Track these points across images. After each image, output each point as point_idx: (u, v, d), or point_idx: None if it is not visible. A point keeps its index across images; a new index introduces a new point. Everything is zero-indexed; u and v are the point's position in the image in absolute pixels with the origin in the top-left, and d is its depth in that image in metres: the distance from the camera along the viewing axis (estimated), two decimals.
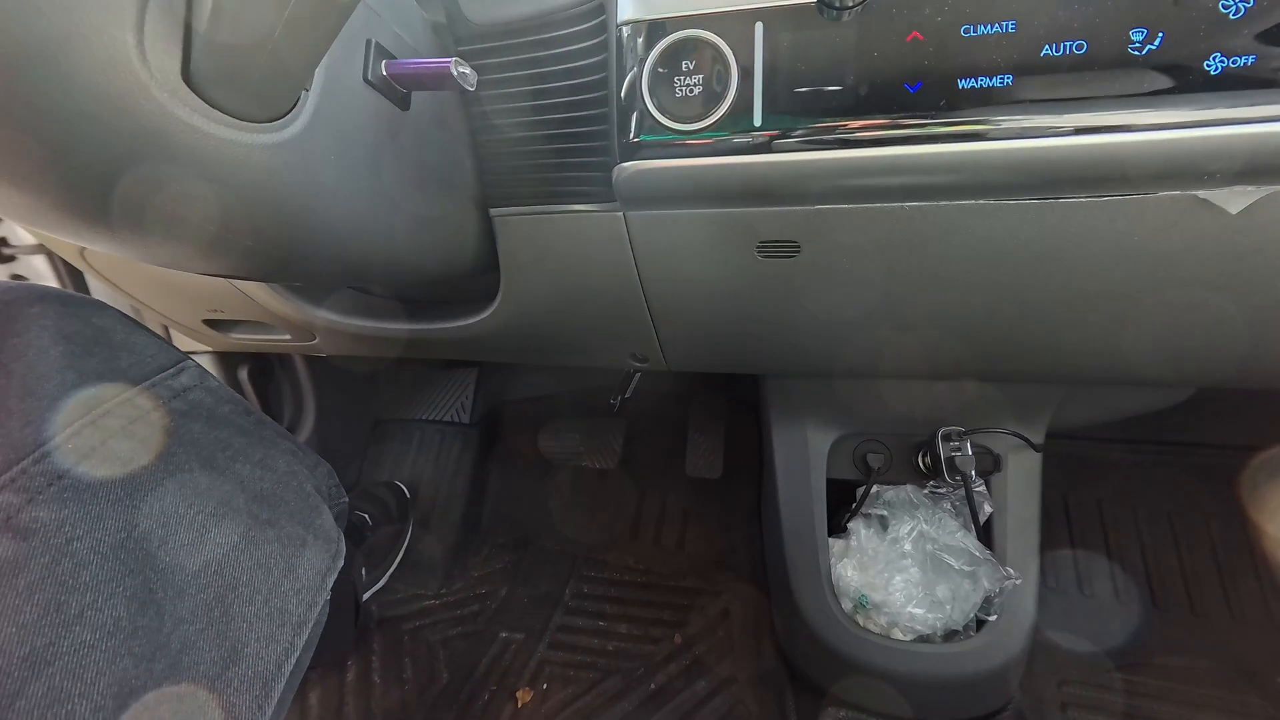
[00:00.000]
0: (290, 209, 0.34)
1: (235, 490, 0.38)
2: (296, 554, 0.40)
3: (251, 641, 0.35)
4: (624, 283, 0.49)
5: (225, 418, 0.41)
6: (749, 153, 0.37)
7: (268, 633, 0.36)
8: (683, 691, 0.81)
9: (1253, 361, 0.45)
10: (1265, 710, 0.71)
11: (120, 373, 0.35)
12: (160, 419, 0.36)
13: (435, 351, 0.69)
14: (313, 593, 0.40)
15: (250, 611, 0.36)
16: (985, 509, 0.67)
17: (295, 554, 0.40)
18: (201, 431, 0.38)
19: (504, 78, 0.41)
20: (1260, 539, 0.81)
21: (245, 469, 0.40)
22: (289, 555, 0.39)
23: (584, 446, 1.05)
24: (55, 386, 0.31)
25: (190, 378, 0.40)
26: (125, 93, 0.25)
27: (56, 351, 0.33)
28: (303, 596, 0.39)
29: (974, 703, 0.68)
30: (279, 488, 0.42)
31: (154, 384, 0.37)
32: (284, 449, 0.45)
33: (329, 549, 0.43)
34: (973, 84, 0.32)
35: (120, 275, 0.69)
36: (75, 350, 0.33)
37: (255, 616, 0.36)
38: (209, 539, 0.35)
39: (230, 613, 0.35)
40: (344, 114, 0.34)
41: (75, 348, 0.34)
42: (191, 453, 0.37)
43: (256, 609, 0.36)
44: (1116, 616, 0.80)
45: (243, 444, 0.41)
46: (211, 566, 0.35)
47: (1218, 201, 0.34)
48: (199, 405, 0.39)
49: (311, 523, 0.43)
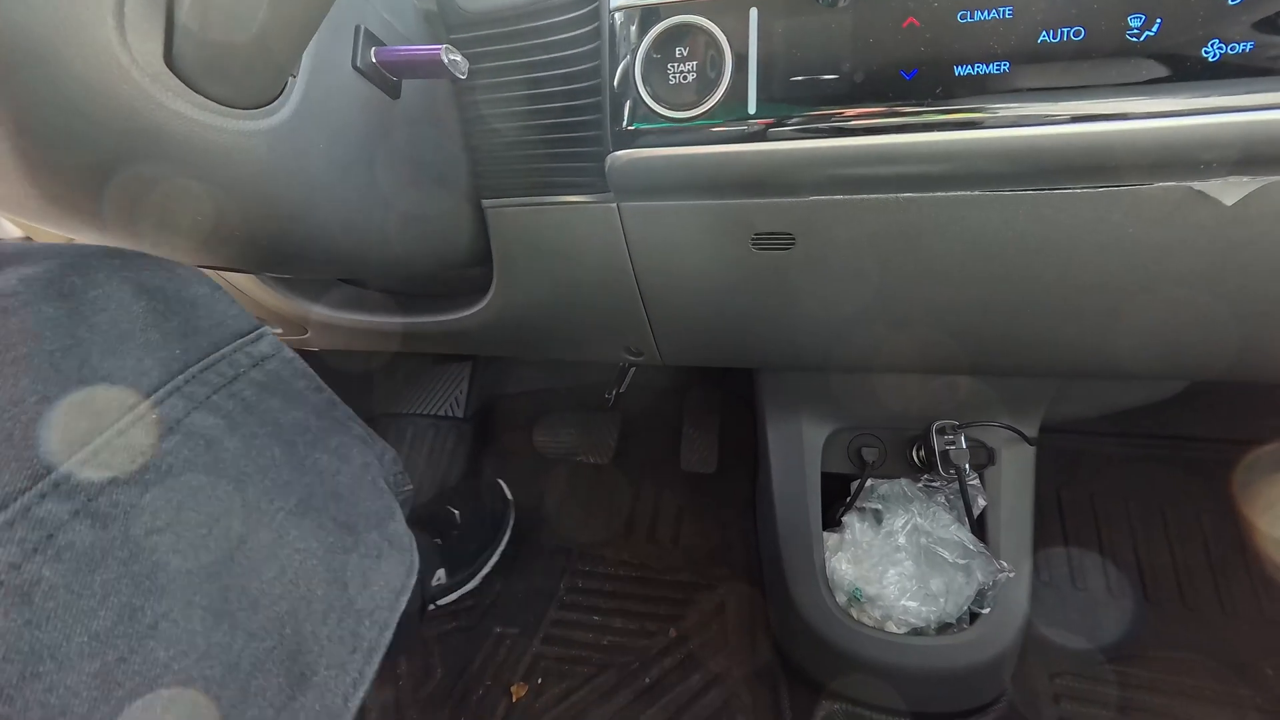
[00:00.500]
0: (278, 197, 0.33)
1: (316, 484, 0.33)
2: (373, 567, 0.35)
3: (321, 668, 0.30)
4: (618, 275, 0.49)
5: (300, 394, 0.36)
6: (743, 141, 0.36)
7: (339, 659, 0.31)
8: (677, 686, 0.81)
9: (1246, 355, 0.45)
10: (1254, 701, 0.72)
11: (203, 333, 0.31)
12: (243, 390, 0.32)
13: (429, 345, 0.69)
14: (386, 614, 0.35)
15: (323, 632, 0.31)
16: (979, 502, 0.67)
17: (372, 567, 0.35)
18: (280, 410, 0.34)
19: (495, 66, 0.40)
20: (1252, 534, 0.81)
21: (324, 459, 0.35)
22: (365, 568, 0.34)
23: (579, 441, 1.05)
24: (139, 346, 0.27)
25: (268, 345, 0.35)
26: (105, 78, 0.25)
27: (139, 307, 0.28)
28: (375, 618, 0.34)
29: (967, 695, 0.68)
30: (355, 483, 0.37)
31: (235, 349, 0.32)
32: (356, 434, 0.40)
33: (404, 562, 0.38)
34: (969, 71, 0.32)
35: None
36: (158, 307, 0.29)
37: (328, 639, 0.31)
38: (287, 542, 0.30)
39: (301, 632, 0.30)
40: (333, 101, 0.33)
41: (158, 304, 0.29)
42: (273, 436, 0.32)
43: (330, 629, 0.31)
44: (1108, 610, 0.80)
45: (319, 428, 0.36)
46: (288, 575, 0.30)
47: (1212, 193, 0.33)
48: (276, 377, 0.35)
49: (387, 528, 0.38)
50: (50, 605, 0.21)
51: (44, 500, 0.22)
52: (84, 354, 0.25)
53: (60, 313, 0.25)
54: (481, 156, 0.45)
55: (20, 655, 0.20)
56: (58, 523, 0.22)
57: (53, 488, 0.22)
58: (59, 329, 0.25)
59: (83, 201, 0.31)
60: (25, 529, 0.21)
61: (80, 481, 0.23)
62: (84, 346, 0.25)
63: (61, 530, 0.22)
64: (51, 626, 0.21)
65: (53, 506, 0.22)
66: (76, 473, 0.23)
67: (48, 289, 0.26)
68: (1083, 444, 0.90)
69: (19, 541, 0.21)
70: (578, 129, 0.40)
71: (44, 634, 0.21)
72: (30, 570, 0.21)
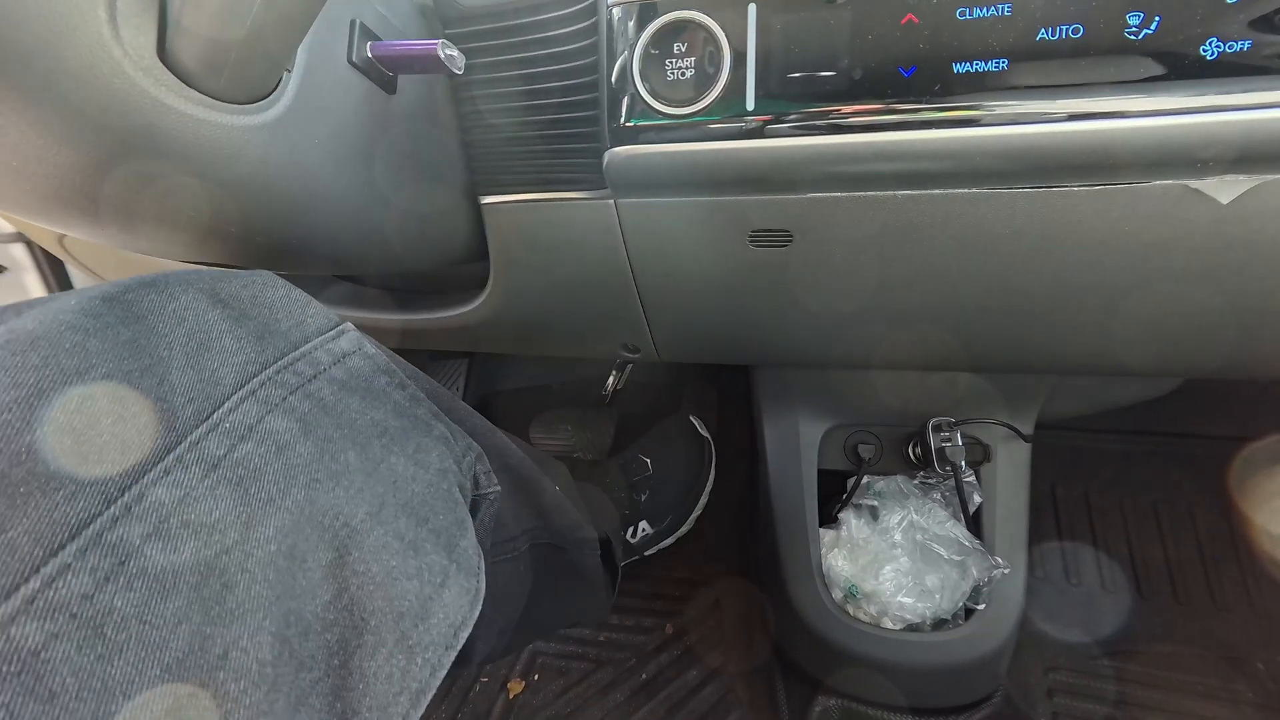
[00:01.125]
0: (274, 193, 0.33)
1: (388, 494, 0.31)
2: (435, 595, 0.32)
3: (364, 709, 0.28)
4: (615, 272, 0.49)
5: (381, 392, 0.34)
6: (741, 138, 0.36)
7: (384, 699, 0.28)
8: (674, 681, 0.81)
9: (1240, 352, 0.45)
10: (1247, 694, 0.72)
11: (280, 335, 0.29)
12: (321, 389, 0.30)
13: (425, 342, 0.69)
14: (441, 653, 0.31)
15: (371, 668, 0.28)
16: (975, 499, 0.68)
17: (433, 595, 0.31)
18: (359, 410, 0.31)
19: (492, 61, 0.40)
20: (1247, 528, 0.82)
21: (399, 464, 0.32)
22: (426, 595, 0.31)
23: (575, 437, 1.05)
24: (215, 356, 0.26)
25: (350, 342, 0.33)
26: (98, 71, 0.24)
27: (214, 315, 0.27)
28: (429, 657, 0.31)
29: (962, 690, 0.69)
30: (429, 493, 0.34)
31: (315, 347, 0.31)
32: (438, 435, 0.37)
33: (469, 590, 0.34)
34: (968, 68, 0.32)
35: (101, 264, 0.68)
36: (232, 313, 0.28)
37: (375, 675, 0.28)
38: (349, 562, 0.28)
39: (349, 665, 0.28)
40: (328, 96, 0.33)
41: (232, 310, 0.28)
42: (348, 439, 0.30)
43: (378, 664, 0.28)
44: (1102, 605, 0.81)
45: (398, 429, 0.33)
46: (343, 600, 0.28)
47: (1209, 192, 0.34)
48: (357, 375, 0.32)
49: (455, 546, 0.34)
50: (122, 638, 0.20)
51: (116, 524, 0.21)
52: (162, 371, 0.24)
53: (138, 332, 0.25)
54: (478, 152, 0.44)
55: (93, 694, 0.19)
56: (130, 548, 0.21)
57: (125, 510, 0.21)
58: (137, 349, 0.24)
59: (77, 198, 0.30)
60: (98, 556, 0.20)
61: (153, 502, 0.22)
62: (161, 364, 0.25)
63: (134, 556, 0.21)
64: (124, 660, 0.20)
65: (125, 530, 0.21)
66: (149, 493, 0.22)
67: (128, 310, 0.25)
68: (1077, 440, 0.91)
69: (91, 570, 0.20)
70: (575, 125, 0.40)
71: (116, 669, 0.20)
72: (102, 600, 0.20)
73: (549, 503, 0.56)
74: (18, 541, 0.19)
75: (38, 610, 0.19)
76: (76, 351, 0.22)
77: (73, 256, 0.66)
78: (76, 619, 0.20)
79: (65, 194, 0.30)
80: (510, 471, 0.51)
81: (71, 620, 0.19)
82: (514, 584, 0.50)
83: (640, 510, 0.83)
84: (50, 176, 0.29)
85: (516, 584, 0.51)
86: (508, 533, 0.49)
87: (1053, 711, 0.74)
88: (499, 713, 0.82)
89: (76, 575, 0.20)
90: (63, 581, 0.19)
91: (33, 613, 0.19)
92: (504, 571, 0.49)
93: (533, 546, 0.52)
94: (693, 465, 0.91)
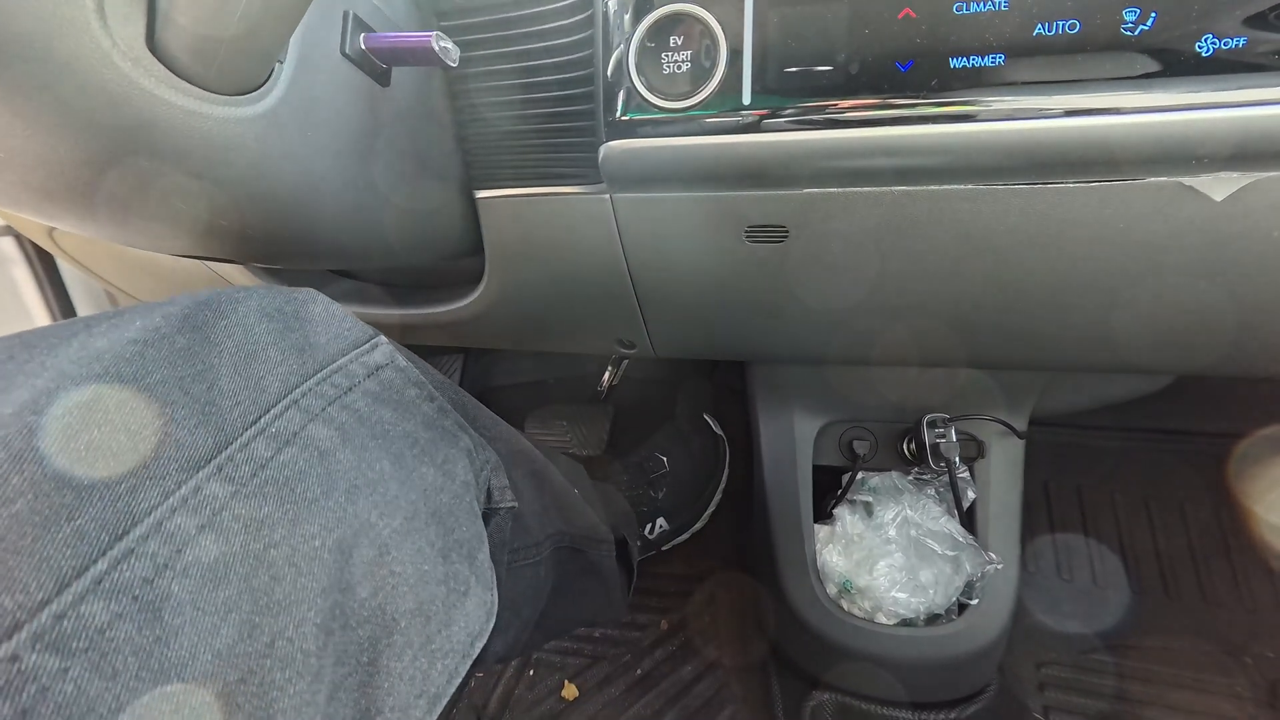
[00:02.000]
0: (267, 186, 0.33)
1: (420, 502, 0.32)
2: (457, 604, 0.33)
3: (386, 709, 0.29)
4: (610, 267, 0.48)
5: (411, 403, 0.35)
6: (737, 132, 0.36)
7: (404, 700, 0.29)
8: (669, 676, 0.82)
9: (1233, 349, 0.45)
10: (1235, 687, 0.73)
11: (319, 348, 0.31)
12: (356, 401, 0.31)
13: (420, 337, 0.68)
14: (458, 661, 0.33)
15: (396, 668, 0.29)
16: (969, 495, 0.68)
17: (456, 604, 0.33)
18: (392, 421, 0.33)
19: (487, 54, 0.40)
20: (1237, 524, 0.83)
21: (430, 474, 0.34)
22: (451, 603, 0.32)
23: (571, 433, 1.04)
24: (261, 364, 0.28)
25: (383, 354, 0.34)
26: (87, 63, 0.24)
27: (262, 328, 0.29)
28: (447, 663, 0.32)
29: (955, 684, 0.69)
30: (454, 504, 0.35)
31: (351, 360, 0.32)
32: (463, 447, 0.38)
33: (485, 602, 0.36)
34: (965, 63, 0.32)
35: (91, 258, 0.67)
36: (278, 327, 0.30)
37: (399, 676, 0.29)
38: (385, 563, 0.29)
39: (377, 665, 0.29)
40: (321, 89, 0.33)
41: (277, 324, 0.30)
42: (383, 448, 0.31)
43: (403, 666, 0.29)
44: (1094, 599, 0.82)
45: (428, 440, 0.35)
46: (378, 598, 0.29)
47: (1202, 189, 0.34)
48: (390, 386, 0.34)
49: (475, 558, 0.35)
50: (179, 622, 0.21)
51: (174, 515, 0.22)
52: (213, 377, 0.26)
53: (193, 342, 0.26)
54: (473, 147, 0.44)
55: (151, 674, 0.20)
56: (186, 538, 0.22)
57: (182, 502, 0.23)
58: (192, 357, 0.26)
59: (67, 191, 0.30)
60: (158, 543, 0.22)
61: (207, 496, 0.23)
62: (213, 371, 0.26)
63: (189, 545, 0.22)
64: (179, 644, 0.21)
65: (182, 521, 0.22)
66: (204, 487, 0.23)
67: (184, 322, 0.27)
68: (1071, 437, 0.91)
69: (151, 556, 0.21)
70: (570, 119, 0.40)
71: (172, 651, 0.21)
72: (161, 585, 0.21)
73: (572, 506, 0.57)
74: (86, 528, 0.20)
75: (104, 591, 0.20)
76: (135, 360, 0.24)
77: (62, 250, 0.66)
78: (138, 601, 0.21)
79: (54, 187, 0.30)
80: (536, 478, 0.52)
81: (134, 603, 0.21)
82: (533, 588, 0.51)
83: (658, 507, 0.85)
84: (39, 170, 0.28)
85: (535, 588, 0.51)
86: (531, 538, 0.50)
87: (1045, 705, 0.74)
88: (495, 707, 0.82)
89: (140, 560, 0.21)
90: (126, 565, 0.21)
91: (100, 593, 0.20)
92: (524, 577, 0.49)
93: (554, 550, 0.53)
94: (707, 462, 0.92)
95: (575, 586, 0.59)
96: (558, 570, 0.54)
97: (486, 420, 0.46)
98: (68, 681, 0.19)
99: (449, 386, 0.41)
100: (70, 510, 0.20)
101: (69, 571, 0.20)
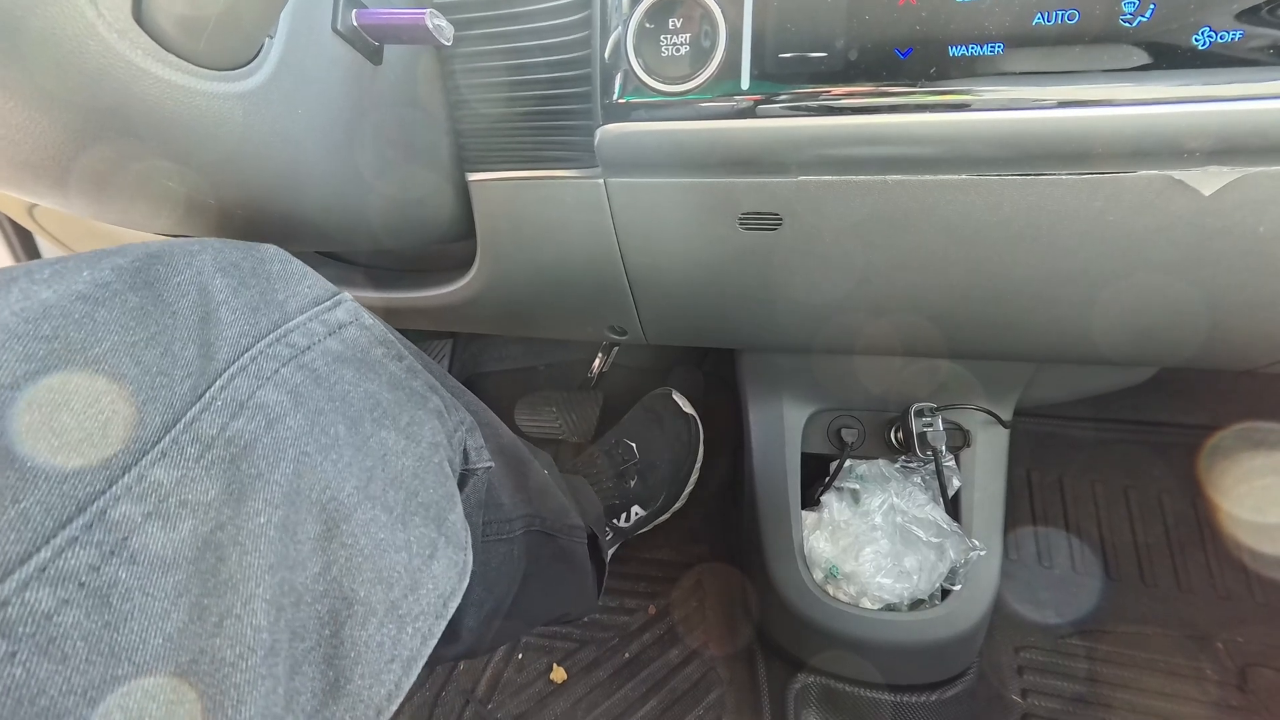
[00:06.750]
0: (255, 165, 0.32)
1: (377, 468, 0.31)
2: (423, 567, 0.32)
3: (356, 676, 0.28)
4: (603, 252, 0.48)
5: (377, 363, 0.34)
6: (735, 117, 0.36)
7: (375, 667, 0.29)
8: (656, 660, 0.83)
9: (1215, 342, 0.46)
10: (1206, 672, 0.75)
11: (276, 305, 0.29)
12: (315, 361, 0.30)
13: (410, 321, 0.68)
14: (431, 621, 0.32)
15: (362, 637, 0.29)
16: (954, 483, 0.69)
17: (422, 567, 0.32)
18: (352, 382, 0.31)
19: (482, 33, 0.39)
20: (1211, 514, 0.85)
21: (390, 438, 0.33)
22: (415, 568, 0.32)
23: (560, 420, 1.04)
24: (213, 326, 0.27)
25: (346, 312, 0.33)
26: (69, 34, 0.23)
27: (217, 283, 0.28)
28: (419, 626, 0.31)
29: (937, 667, 0.71)
30: (419, 467, 0.34)
31: (310, 317, 0.31)
32: (432, 408, 0.37)
33: (457, 562, 0.35)
34: (964, 51, 0.32)
35: (72, 236, 0.66)
36: (232, 283, 0.28)
37: (365, 644, 0.29)
38: (337, 535, 0.28)
39: (340, 635, 0.28)
40: (312, 65, 0.32)
41: (233, 280, 0.28)
42: (339, 411, 0.30)
43: (369, 634, 0.29)
44: (1073, 586, 0.84)
45: (391, 401, 0.33)
46: (332, 571, 0.28)
47: (1192, 183, 0.34)
48: (353, 346, 0.33)
49: (444, 520, 0.35)
50: (127, 608, 0.21)
51: (119, 503, 0.22)
52: (166, 342, 0.25)
53: (145, 300, 0.25)
54: (466, 128, 0.43)
55: (101, 657, 0.20)
56: (132, 525, 0.22)
57: (126, 490, 0.22)
58: (144, 318, 0.25)
59: (49, 166, 0.29)
60: (102, 532, 0.21)
61: (152, 482, 0.23)
62: (166, 334, 0.25)
63: (135, 533, 0.22)
64: (129, 629, 0.21)
65: (127, 509, 0.22)
66: (148, 474, 0.23)
67: (135, 277, 0.26)
68: (1053, 427, 0.93)
69: (97, 544, 0.21)
70: (566, 101, 0.39)
71: (122, 636, 0.21)
72: (108, 572, 0.21)
73: (538, 485, 0.56)
74: (31, 512, 0.20)
75: (49, 577, 0.20)
76: (85, 322, 0.23)
77: (42, 227, 0.64)
78: (85, 588, 0.21)
79: (36, 162, 0.29)
80: (504, 453, 0.51)
81: (80, 589, 0.20)
82: (506, 566, 0.50)
83: (631, 496, 0.83)
84: (20, 144, 0.27)
85: (509, 566, 0.51)
86: (504, 514, 0.49)
87: (1023, 688, 0.76)
88: (483, 690, 0.82)
89: (84, 548, 0.21)
90: (71, 553, 0.20)
91: (45, 579, 0.20)
92: (497, 552, 0.49)
93: (525, 533, 0.53)
94: (680, 444, 0.90)
95: (548, 573, 0.59)
96: (529, 555, 0.54)
97: (454, 389, 0.45)
98: (16, 665, 0.19)
99: (418, 353, 0.40)
100: (15, 492, 0.20)
101: (13, 558, 0.19)
